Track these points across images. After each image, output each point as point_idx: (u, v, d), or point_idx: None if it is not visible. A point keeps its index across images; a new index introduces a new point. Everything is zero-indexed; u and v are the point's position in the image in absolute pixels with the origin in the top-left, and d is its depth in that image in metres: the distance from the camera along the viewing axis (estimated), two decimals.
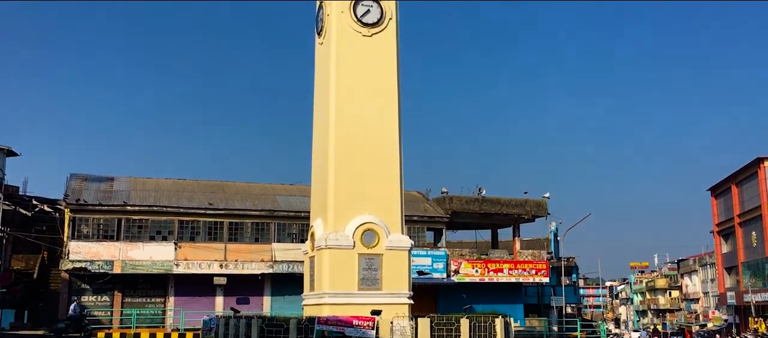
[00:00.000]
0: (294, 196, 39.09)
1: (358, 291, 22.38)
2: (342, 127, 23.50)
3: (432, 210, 39.32)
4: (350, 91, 23.73)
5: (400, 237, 23.44)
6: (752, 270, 55.27)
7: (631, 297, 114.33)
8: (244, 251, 35.63)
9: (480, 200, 40.12)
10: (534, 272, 38.61)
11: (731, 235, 60.39)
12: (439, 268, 36.06)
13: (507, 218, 41.94)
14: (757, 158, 52.99)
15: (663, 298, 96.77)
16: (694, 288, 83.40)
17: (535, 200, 41.81)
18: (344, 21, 23.92)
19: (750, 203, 55.00)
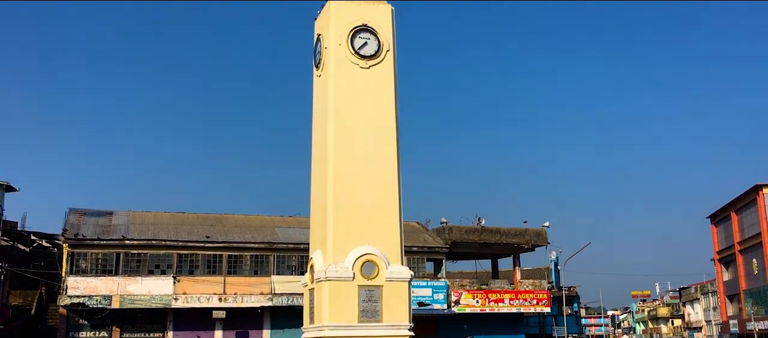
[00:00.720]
0: (293, 228, 39.02)
1: (358, 324, 22.18)
2: (340, 158, 23.52)
3: (432, 241, 39.23)
4: (348, 123, 23.80)
5: (400, 268, 23.31)
6: (754, 298, 54.98)
7: (634, 326, 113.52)
8: (243, 284, 35.46)
9: (480, 230, 40.05)
10: (535, 302, 38.42)
11: (732, 263, 60.18)
12: (440, 299, 35.88)
13: (507, 248, 41.84)
14: (755, 185, 53.05)
15: (665, 327, 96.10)
16: (697, 316, 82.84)
17: (535, 229, 41.76)
18: (341, 53, 24.08)
19: (750, 231, 54.92)
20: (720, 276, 64.47)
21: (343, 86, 24.09)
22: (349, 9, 24.05)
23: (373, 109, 24.19)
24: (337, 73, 24.15)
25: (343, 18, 24.00)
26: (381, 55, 24.38)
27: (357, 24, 23.80)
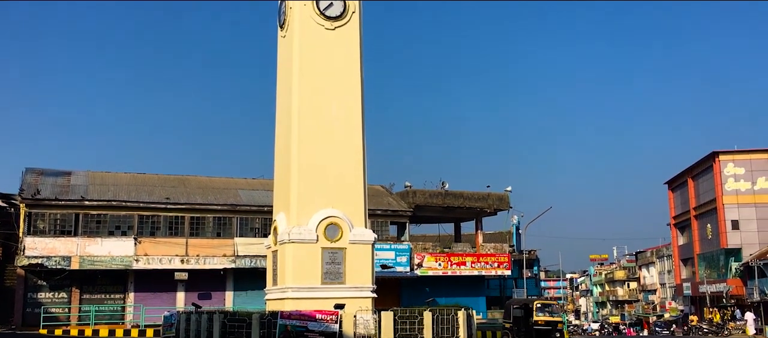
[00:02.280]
0: (256, 190, 38.81)
1: (322, 285, 22.36)
2: (305, 121, 23.39)
3: (395, 204, 39.41)
4: (313, 84, 23.63)
5: (364, 231, 23.47)
6: (707, 262, 56.66)
7: (591, 288, 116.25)
8: (205, 246, 35.27)
9: (443, 194, 40.34)
10: (496, 265, 38.99)
11: (687, 227, 61.80)
12: (403, 262, 36.18)
13: (470, 212, 42.26)
14: (712, 152, 54.25)
15: (622, 289, 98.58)
16: (652, 279, 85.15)
17: (498, 193, 42.21)
18: (307, 14, 23.78)
19: (705, 196, 56.34)
20: (675, 240, 66.21)
21: (308, 47, 23.85)
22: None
23: (338, 71, 24.03)
24: (302, 34, 23.89)
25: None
26: (346, 17, 24.15)
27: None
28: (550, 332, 25.31)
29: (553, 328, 25.47)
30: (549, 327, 25.40)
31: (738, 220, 52.33)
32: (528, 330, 25.43)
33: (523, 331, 25.86)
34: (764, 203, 51.76)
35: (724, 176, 53.08)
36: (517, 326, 26.46)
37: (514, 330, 26.55)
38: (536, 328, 25.18)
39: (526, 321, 25.57)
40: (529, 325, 25.41)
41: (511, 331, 26.87)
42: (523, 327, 26.05)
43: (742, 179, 52.85)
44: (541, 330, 25.26)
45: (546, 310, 26.03)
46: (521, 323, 26.06)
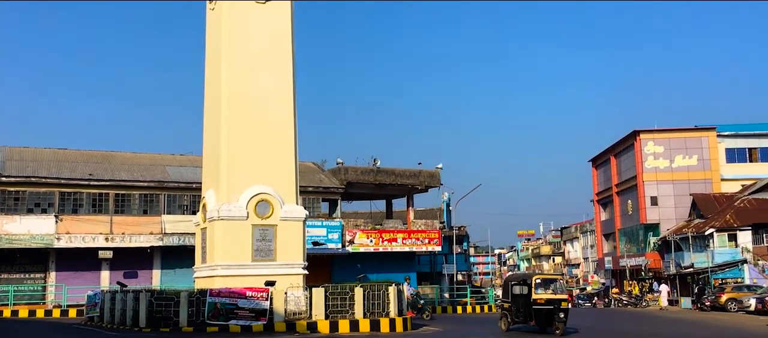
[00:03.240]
0: (185, 167, 37.95)
1: (252, 263, 22.15)
2: (235, 96, 22.96)
3: (327, 181, 39.29)
4: (243, 59, 23.18)
5: (295, 208, 23.32)
6: (627, 236, 58.99)
7: (518, 263, 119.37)
8: (131, 224, 34.33)
9: (375, 170, 40.41)
10: (427, 241, 39.43)
11: (609, 204, 64.08)
12: (334, 238, 36.17)
13: (401, 189, 42.50)
14: (633, 131, 56.28)
15: (547, 264, 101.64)
16: (576, 253, 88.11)
17: (429, 170, 42.57)
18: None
19: (627, 174, 58.50)
20: (598, 216, 68.60)
21: (238, 21, 23.34)
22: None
23: (269, 46, 23.62)
24: (232, 8, 23.36)
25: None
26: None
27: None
28: (552, 313, 20.35)
29: (556, 308, 20.34)
30: (551, 306, 20.31)
31: (657, 196, 54.60)
32: (528, 309, 20.79)
33: (523, 312, 21.08)
34: (681, 180, 54.13)
35: (645, 154, 55.20)
36: (517, 306, 21.37)
37: (514, 310, 21.56)
38: (536, 308, 20.33)
39: (528, 299, 20.81)
40: (529, 304, 20.70)
41: (509, 312, 21.84)
42: (523, 307, 21.13)
43: (661, 158, 55.09)
44: (541, 311, 20.40)
45: (548, 286, 20.89)
46: (521, 302, 21.12)
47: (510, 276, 26.74)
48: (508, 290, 22.27)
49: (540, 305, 20.33)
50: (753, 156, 54.98)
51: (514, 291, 21.66)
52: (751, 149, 55.07)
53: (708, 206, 49.92)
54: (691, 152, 54.79)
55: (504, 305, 22.57)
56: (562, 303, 20.65)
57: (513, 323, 21.72)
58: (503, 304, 22.75)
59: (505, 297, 22.46)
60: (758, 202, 46.59)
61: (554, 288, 21.00)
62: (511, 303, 21.69)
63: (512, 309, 21.57)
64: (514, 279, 23.23)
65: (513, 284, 22.05)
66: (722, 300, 36.97)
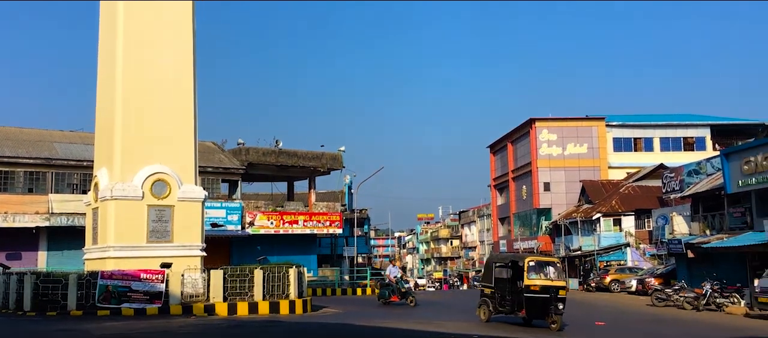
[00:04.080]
0: (75, 144, 36.16)
1: (147, 244, 21.49)
2: (131, 72, 22.08)
3: (227, 161, 38.52)
4: (140, 34, 22.30)
5: (193, 188, 22.76)
6: (521, 220, 61.23)
7: (418, 246, 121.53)
8: (15, 203, 32.41)
9: (277, 152, 39.98)
10: (328, 223, 39.46)
11: (506, 189, 66.24)
12: (234, 220, 35.58)
13: (303, 171, 42.29)
14: (529, 118, 58.30)
15: (445, 247, 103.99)
16: (473, 236, 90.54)
17: (331, 153, 42.56)
18: None
19: (522, 160, 60.63)
20: (494, 200, 70.79)
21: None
22: None
23: (168, 22, 22.84)
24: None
25: None
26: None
27: None
28: (548, 303, 17.35)
29: (553, 297, 17.33)
30: (547, 294, 17.32)
31: (549, 182, 56.91)
32: (516, 297, 17.88)
33: (510, 300, 18.17)
34: (572, 167, 56.63)
35: (539, 141, 57.34)
36: (502, 292, 18.48)
37: (498, 297, 18.60)
38: (528, 296, 17.35)
39: (515, 284, 18.08)
40: (517, 291, 17.86)
41: (491, 299, 18.80)
42: (509, 294, 18.25)
43: (555, 145, 57.40)
44: (534, 300, 17.37)
45: (543, 270, 17.92)
46: (508, 288, 18.31)
47: (493, 256, 22.23)
48: (490, 273, 19.31)
49: (533, 293, 17.30)
50: (638, 146, 58.21)
51: (498, 274, 18.84)
52: (636, 139, 58.26)
53: (596, 192, 52.48)
54: (582, 140, 57.37)
55: (484, 290, 19.40)
56: (560, 291, 17.53)
57: (495, 312, 18.73)
58: (483, 289, 19.48)
59: (487, 280, 19.42)
60: (641, 189, 49.39)
61: (550, 273, 17.94)
62: (494, 289, 18.74)
63: (496, 295, 18.64)
64: (498, 260, 20.10)
65: (497, 266, 19.16)
66: (606, 281, 39.09)
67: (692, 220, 36.55)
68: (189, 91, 22.96)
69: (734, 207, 32.55)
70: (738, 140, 50.02)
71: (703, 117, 59.86)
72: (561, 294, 17.44)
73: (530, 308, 17.54)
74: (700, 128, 57.90)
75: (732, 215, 32.73)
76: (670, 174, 41.44)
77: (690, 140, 57.61)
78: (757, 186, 29.68)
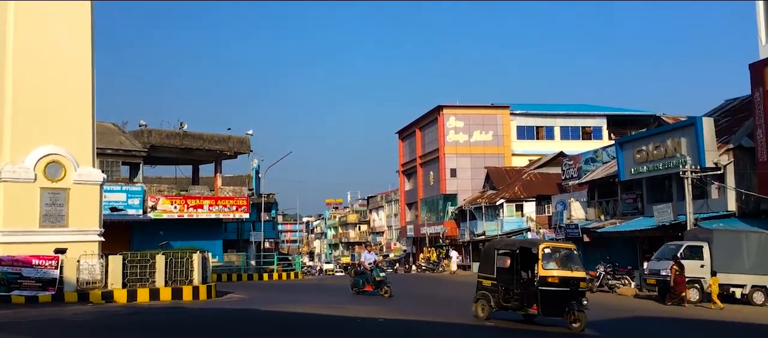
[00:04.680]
0: None
1: (40, 229, 20.47)
2: (22, 49, 20.87)
3: (128, 143, 37.15)
4: (32, 8, 21.10)
5: (91, 171, 21.83)
6: (428, 206, 62.30)
7: (326, 231, 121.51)
8: None
9: (181, 134, 38.88)
10: (234, 208, 38.79)
11: (413, 174, 67.16)
12: (135, 204, 34.37)
13: (209, 154, 41.35)
14: (437, 106, 59.24)
15: (353, 232, 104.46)
16: (381, 222, 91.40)
17: (239, 136, 41.78)
18: None
19: (430, 146, 61.60)
20: (402, 186, 71.65)
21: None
22: None
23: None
24: None
25: None
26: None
27: None
28: (568, 297, 14.68)
29: (574, 291, 14.75)
30: (567, 288, 14.69)
31: (456, 168, 58.14)
32: (526, 291, 15.19)
33: (519, 294, 15.41)
34: (478, 154, 58.05)
35: (447, 128, 58.41)
36: (507, 285, 15.74)
37: (501, 290, 15.80)
38: (544, 290, 14.62)
39: (520, 275, 15.54)
40: (527, 283, 15.25)
41: (492, 293, 16.01)
42: (517, 287, 15.52)
43: (461, 132, 58.62)
44: (551, 294, 14.66)
45: (559, 259, 15.10)
46: (514, 279, 15.63)
47: (495, 242, 18.72)
48: (490, 262, 16.51)
49: (551, 286, 14.64)
50: (539, 134, 60.28)
51: (501, 263, 16.14)
52: (538, 128, 60.30)
53: (500, 178, 54.03)
54: (488, 128, 58.84)
55: (482, 282, 16.54)
56: (581, 283, 15.05)
57: (498, 308, 15.94)
58: (481, 281, 16.63)
59: (486, 271, 16.62)
60: (542, 176, 51.22)
61: (569, 263, 15.15)
62: (496, 281, 16.00)
63: (498, 288, 15.86)
64: (501, 246, 17.08)
65: (500, 253, 16.40)
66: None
67: (588, 206, 38.27)
68: (86, 70, 21.96)
69: (627, 194, 34.31)
70: (632, 130, 52.63)
71: (601, 108, 62.66)
72: (582, 287, 15.01)
73: (546, 304, 14.70)
74: (598, 118, 60.56)
75: (625, 201, 34.49)
76: (569, 162, 43.20)
77: (588, 129, 60.16)
78: (647, 174, 31.38)
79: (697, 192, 28.19)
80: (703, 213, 27.93)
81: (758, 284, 23.39)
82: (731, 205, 27.71)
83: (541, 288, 14.71)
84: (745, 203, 27.41)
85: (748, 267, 23.52)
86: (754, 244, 23.88)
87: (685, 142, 28.68)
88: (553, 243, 17.15)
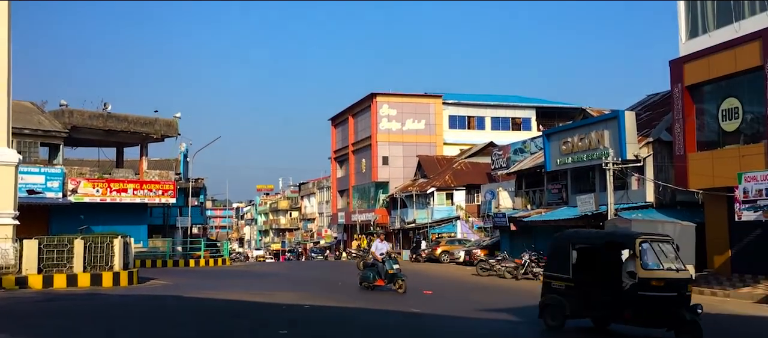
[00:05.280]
0: None
1: None
2: None
3: (48, 124, 35.66)
4: None
5: (6, 151, 20.90)
6: (360, 193, 62.38)
7: (256, 217, 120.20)
8: None
9: (105, 116, 37.58)
10: (161, 192, 37.82)
11: (346, 161, 67.09)
12: (55, 187, 33.07)
13: (134, 137, 40.12)
14: (371, 93, 59.25)
15: (284, 218, 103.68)
16: (312, 208, 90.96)
17: (166, 119, 40.68)
18: None
19: (363, 133, 61.61)
20: (334, 173, 71.49)
21: None
22: None
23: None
24: None
25: None
26: None
27: None
28: (674, 304, 11.79)
29: (682, 296, 11.91)
30: (673, 292, 11.87)
31: (388, 156, 58.40)
32: (617, 297, 12.15)
33: (606, 299, 12.43)
34: (410, 143, 58.44)
35: (380, 116, 58.53)
36: (589, 288, 12.72)
37: (580, 295, 12.72)
38: (644, 295, 11.73)
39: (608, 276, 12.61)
40: (616, 287, 12.19)
41: (567, 297, 12.80)
42: (604, 292, 12.53)
43: (394, 120, 58.85)
44: (654, 301, 11.80)
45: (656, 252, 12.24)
46: (599, 281, 12.77)
47: (569, 233, 14.76)
48: (564, 258, 13.20)
49: (653, 291, 11.72)
50: (471, 124, 61.12)
51: (578, 260, 13.16)
52: (469, 117, 61.12)
53: (431, 167, 54.54)
54: (420, 116, 59.26)
55: (553, 283, 13.23)
56: (687, 286, 12.16)
57: (573, 315, 12.85)
58: (551, 282, 13.30)
59: (558, 269, 13.30)
60: (472, 165, 51.98)
61: (669, 259, 12.26)
62: (573, 282, 12.84)
63: (575, 292, 12.74)
64: (580, 239, 13.90)
65: (578, 247, 13.33)
66: (437, 253, 40.90)
67: (516, 195, 39.05)
68: (2, 45, 20.94)
69: (552, 184, 35.14)
70: (559, 122, 53.96)
71: (530, 100, 64.00)
72: (689, 290, 12.12)
73: (647, 313, 11.82)
74: (527, 110, 61.85)
75: (550, 191, 35.33)
76: (499, 152, 43.95)
77: (518, 120, 61.38)
78: (572, 165, 32.20)
79: (619, 183, 29.10)
80: (624, 204, 28.86)
81: None
82: (650, 196, 28.72)
83: (640, 293, 11.66)
84: (663, 194, 28.48)
85: None
86: (669, 234, 24.83)
87: (608, 134, 29.53)
88: (650, 235, 13.32)
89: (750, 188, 21.88)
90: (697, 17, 25.70)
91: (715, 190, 24.51)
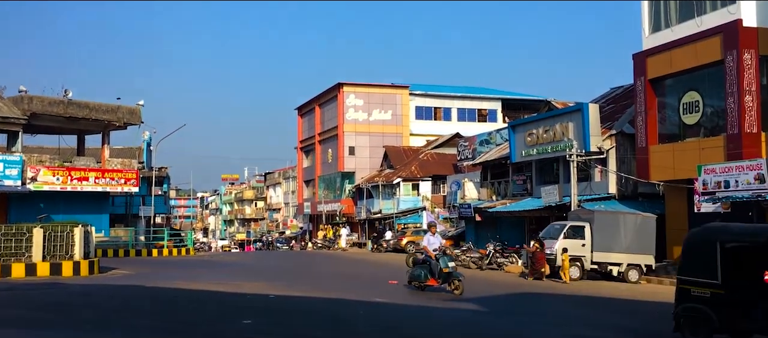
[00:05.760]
0: None
1: None
2: None
3: (6, 110, 34.76)
4: None
5: None
6: (326, 183, 62.19)
7: (221, 207, 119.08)
8: None
9: (65, 102, 36.76)
10: (123, 181, 37.20)
11: (312, 151, 66.80)
12: (13, 175, 32.32)
13: (96, 124, 39.35)
14: (338, 83, 59.01)
15: (250, 208, 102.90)
16: (278, 198, 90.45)
17: (129, 107, 39.95)
18: None
19: (329, 123, 61.37)
20: (300, 162, 71.14)
21: None
22: None
23: None
24: None
25: None
26: None
27: None
28: None
29: None
30: None
31: (355, 146, 58.29)
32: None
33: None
34: (377, 133, 58.39)
35: (346, 106, 58.35)
36: (744, 297, 10.41)
37: (733, 306, 10.44)
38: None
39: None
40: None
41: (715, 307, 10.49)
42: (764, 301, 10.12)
43: (361, 110, 58.72)
44: None
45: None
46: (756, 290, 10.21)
47: (716, 227, 12.28)
48: (710, 259, 10.68)
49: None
50: (437, 115, 61.28)
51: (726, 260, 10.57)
52: (436, 109, 61.27)
53: (397, 157, 54.60)
54: (387, 107, 59.22)
55: (692, 291, 10.86)
56: None
57: (722, 329, 10.54)
58: (691, 289, 10.88)
59: (701, 273, 10.82)
60: (438, 156, 52.17)
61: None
62: (723, 290, 10.44)
63: (726, 301, 10.43)
64: (732, 236, 11.13)
65: (728, 246, 10.73)
66: (403, 243, 40.94)
67: (481, 186, 39.33)
68: None
69: (517, 175, 35.48)
70: (525, 113, 54.39)
71: (496, 91, 64.38)
72: None
73: None
74: (493, 101, 62.22)
75: (515, 182, 35.66)
76: (465, 143, 44.19)
77: (483, 111, 61.72)
78: (536, 156, 32.54)
79: (582, 175, 29.51)
80: (587, 195, 29.27)
81: (633, 262, 24.75)
82: (612, 188, 29.18)
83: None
84: (625, 186, 28.95)
85: (625, 247, 24.85)
86: (631, 225, 25.24)
87: (573, 126, 29.88)
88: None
89: (709, 180, 22.36)
90: (660, 12, 26.11)
91: (675, 182, 24.99)
